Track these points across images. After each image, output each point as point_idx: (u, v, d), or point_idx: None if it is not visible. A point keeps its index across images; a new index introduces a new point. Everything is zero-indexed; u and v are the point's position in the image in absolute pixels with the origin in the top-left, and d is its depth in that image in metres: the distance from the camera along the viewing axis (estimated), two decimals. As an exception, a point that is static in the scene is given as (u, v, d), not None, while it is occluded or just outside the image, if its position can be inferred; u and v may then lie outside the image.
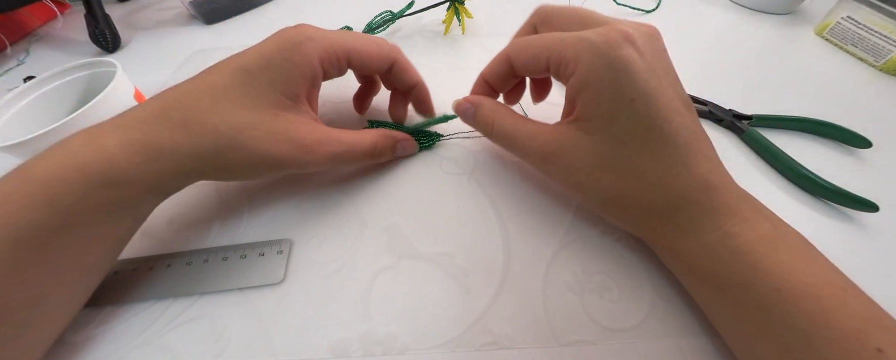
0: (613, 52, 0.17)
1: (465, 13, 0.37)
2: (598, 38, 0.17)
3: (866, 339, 0.13)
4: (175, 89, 0.19)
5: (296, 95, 0.20)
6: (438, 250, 0.21)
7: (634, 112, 0.17)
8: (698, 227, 0.17)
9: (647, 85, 0.17)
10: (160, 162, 0.17)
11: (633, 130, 0.17)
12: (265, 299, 0.20)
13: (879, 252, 0.22)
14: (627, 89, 0.17)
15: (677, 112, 0.17)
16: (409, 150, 0.26)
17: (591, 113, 0.18)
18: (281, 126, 0.19)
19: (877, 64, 0.36)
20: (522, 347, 0.18)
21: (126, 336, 0.18)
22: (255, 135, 0.19)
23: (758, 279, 0.15)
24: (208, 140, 0.18)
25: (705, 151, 0.18)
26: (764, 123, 0.29)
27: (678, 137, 0.17)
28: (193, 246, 0.22)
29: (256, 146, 0.19)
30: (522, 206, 0.24)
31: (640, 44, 0.17)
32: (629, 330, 0.19)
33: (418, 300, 0.20)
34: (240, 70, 0.19)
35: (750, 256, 0.16)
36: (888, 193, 0.24)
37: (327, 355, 0.18)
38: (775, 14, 0.44)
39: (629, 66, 0.17)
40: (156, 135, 0.17)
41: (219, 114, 0.18)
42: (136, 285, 0.20)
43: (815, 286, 0.15)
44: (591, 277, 0.20)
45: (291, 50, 0.19)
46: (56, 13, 0.42)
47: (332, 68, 0.21)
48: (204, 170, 0.19)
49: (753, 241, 0.16)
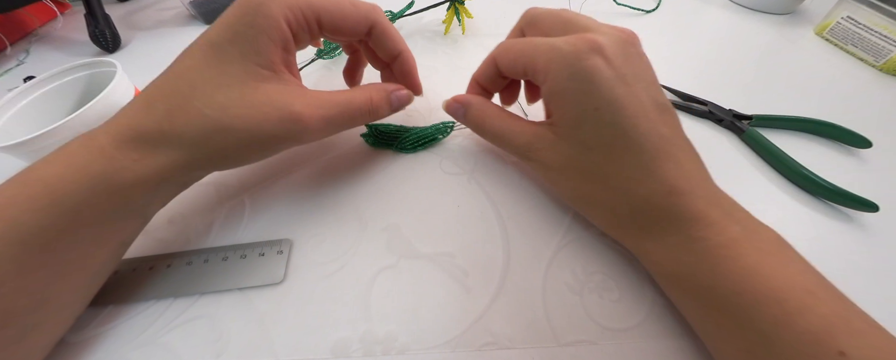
0: (579, 63, 0.18)
1: (465, 13, 0.37)
2: (566, 48, 0.18)
3: (829, 342, 0.14)
4: (156, 81, 0.19)
5: (272, 63, 0.19)
6: (438, 250, 0.21)
7: (599, 120, 0.18)
8: (662, 231, 0.18)
9: (612, 93, 0.17)
10: (157, 156, 0.17)
11: (599, 136, 0.18)
12: (265, 299, 0.20)
13: (879, 252, 0.22)
14: (592, 98, 0.18)
15: (646, 118, 0.17)
16: (405, 100, 0.24)
17: (560, 119, 0.19)
18: (264, 98, 0.18)
19: (877, 64, 0.36)
20: (522, 347, 0.18)
21: (126, 336, 0.18)
22: (241, 113, 0.18)
23: (719, 283, 0.16)
24: (196, 125, 0.17)
25: (675, 156, 0.18)
26: (764, 123, 0.29)
27: (645, 144, 0.17)
28: (194, 246, 0.22)
29: (244, 125, 0.18)
30: (522, 206, 0.24)
31: (608, 52, 0.18)
32: (629, 330, 0.19)
33: (418, 299, 0.20)
34: (208, 46, 0.18)
35: (712, 260, 0.16)
36: (888, 193, 0.24)
37: (327, 355, 0.18)
38: (775, 14, 0.44)
39: (594, 76, 0.17)
40: (145, 128, 0.17)
41: (200, 97, 0.17)
42: (136, 285, 0.20)
43: (778, 290, 0.15)
44: (591, 277, 0.20)
45: (253, 13, 0.18)
46: (56, 13, 0.42)
47: (301, 30, 0.20)
48: (201, 158, 0.18)
49: (717, 245, 0.16)
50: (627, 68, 0.18)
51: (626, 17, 0.42)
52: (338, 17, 0.21)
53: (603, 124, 0.18)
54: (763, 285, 0.15)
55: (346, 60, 0.27)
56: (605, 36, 0.18)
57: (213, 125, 0.17)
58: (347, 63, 0.27)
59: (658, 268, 0.19)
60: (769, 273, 0.15)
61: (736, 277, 0.15)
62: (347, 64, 0.27)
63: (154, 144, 0.17)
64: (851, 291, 0.15)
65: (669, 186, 0.17)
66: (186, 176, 0.19)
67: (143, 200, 0.18)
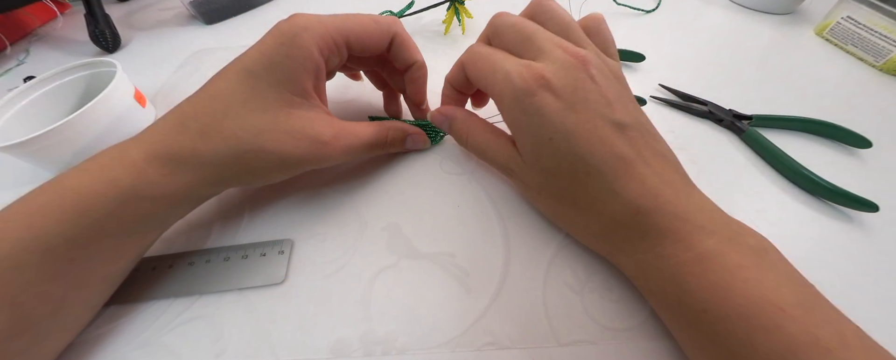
0: (527, 100, 0.18)
1: (465, 13, 0.37)
2: (517, 82, 0.18)
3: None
4: (189, 100, 0.19)
5: (304, 91, 0.20)
6: (438, 250, 0.21)
7: (555, 149, 0.18)
8: (632, 247, 0.18)
9: (563, 125, 0.18)
10: (186, 173, 0.18)
11: (558, 165, 0.18)
12: (265, 299, 0.20)
13: (879, 252, 0.22)
14: (544, 131, 0.18)
15: (600, 143, 0.17)
16: (420, 144, 0.26)
17: (522, 148, 0.20)
18: (297, 124, 0.19)
19: (877, 64, 0.36)
20: (522, 347, 0.18)
21: (126, 336, 0.18)
22: (274, 137, 0.19)
23: (686, 300, 0.16)
24: (229, 146, 0.18)
25: (638, 175, 0.17)
26: (764, 123, 0.29)
27: (603, 167, 0.17)
28: (195, 247, 0.22)
29: (276, 148, 0.19)
30: (522, 206, 0.24)
31: (556, 84, 0.18)
32: (629, 330, 0.19)
33: (418, 299, 0.20)
34: (244, 72, 0.19)
35: (679, 278, 0.16)
36: (888, 193, 0.24)
37: (327, 355, 0.18)
38: (775, 14, 0.44)
39: (541, 111, 0.18)
40: (178, 146, 0.18)
41: (234, 119, 0.18)
42: (140, 286, 0.20)
43: (745, 307, 0.15)
44: (591, 277, 0.20)
45: (289, 44, 0.19)
46: (56, 13, 0.42)
47: (332, 55, 0.21)
48: (228, 176, 0.19)
49: (684, 262, 0.16)
50: (577, 96, 0.18)
51: (627, 17, 0.42)
52: (364, 37, 0.21)
53: (560, 154, 0.18)
54: (730, 302, 0.15)
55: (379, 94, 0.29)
56: (555, 65, 0.18)
57: (246, 147, 0.18)
58: (384, 99, 0.29)
59: (636, 281, 0.19)
60: (738, 289, 0.15)
61: (703, 294, 0.15)
62: (384, 100, 0.29)
63: (184, 162, 0.18)
64: (852, 291, 0.15)
65: (633, 205, 0.17)
66: (210, 191, 0.20)
67: (166, 213, 0.18)
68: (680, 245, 0.16)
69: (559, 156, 0.18)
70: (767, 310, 0.14)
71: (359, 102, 0.30)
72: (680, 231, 0.17)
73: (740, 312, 0.15)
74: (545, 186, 0.20)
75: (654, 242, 0.17)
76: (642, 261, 0.18)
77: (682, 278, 0.16)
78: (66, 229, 0.15)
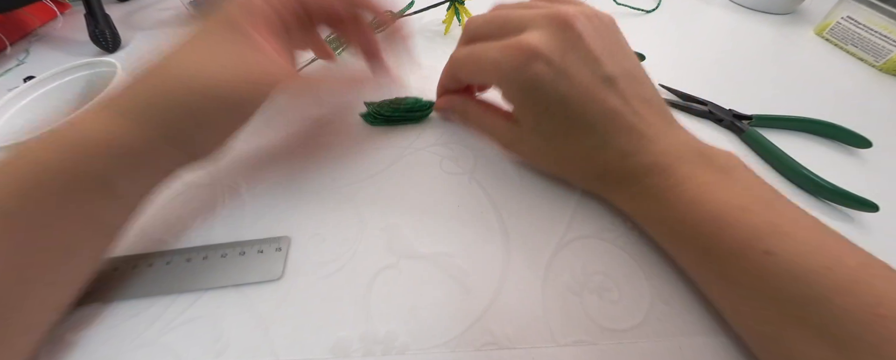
0: (521, 76, 0.20)
1: (465, 13, 0.37)
2: (507, 64, 0.20)
3: (756, 244, 0.16)
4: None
5: (248, 34, 0.19)
6: (438, 250, 0.21)
7: (552, 117, 0.20)
8: (623, 185, 0.21)
9: (557, 92, 0.19)
10: (118, 119, 0.17)
11: (555, 129, 0.21)
12: (265, 299, 0.20)
13: (879, 252, 0.22)
14: (541, 101, 0.20)
15: (592, 101, 0.19)
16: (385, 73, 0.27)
17: (522, 120, 0.22)
18: (237, 60, 0.19)
19: (877, 64, 0.36)
20: (522, 347, 0.18)
21: (126, 336, 0.18)
22: (210, 72, 0.18)
23: (668, 215, 0.19)
24: (165, 82, 0.18)
25: (627, 125, 0.20)
26: (764, 123, 0.29)
27: (596, 124, 0.20)
28: (192, 244, 0.22)
29: (208, 83, 0.18)
30: (522, 206, 0.24)
31: (545, 52, 0.19)
32: (629, 330, 0.19)
33: (418, 299, 0.20)
34: (195, 29, 0.19)
35: (662, 199, 0.19)
36: (888, 193, 0.24)
37: (327, 354, 0.18)
38: (775, 14, 0.44)
39: (537, 82, 0.19)
40: (115, 96, 0.18)
41: (173, 66, 0.18)
42: (135, 282, 0.20)
43: (714, 211, 0.17)
44: (590, 277, 0.20)
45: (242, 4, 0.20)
46: (56, 13, 0.42)
47: (291, 18, 0.22)
48: (165, 125, 0.17)
49: (666, 187, 0.19)
50: (567, 59, 0.19)
51: (627, 17, 0.42)
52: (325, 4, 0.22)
53: (556, 118, 0.20)
54: (702, 208, 0.18)
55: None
56: (540, 31, 0.19)
57: (175, 84, 0.18)
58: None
59: (628, 211, 0.22)
60: (708, 200, 0.18)
61: (681, 209, 0.18)
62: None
63: (120, 109, 0.17)
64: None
65: (621, 151, 0.20)
66: (161, 151, 0.18)
67: (112, 171, 0.17)
68: (661, 176, 0.19)
69: (556, 121, 0.20)
70: (732, 211, 0.17)
71: (360, 102, 0.30)
72: (661, 164, 0.19)
73: (710, 215, 0.18)
74: (543, 148, 0.22)
75: (642, 177, 0.20)
76: (634, 194, 0.20)
77: (665, 198, 0.19)
78: (20, 189, 0.15)
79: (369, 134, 0.28)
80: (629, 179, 0.20)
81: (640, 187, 0.20)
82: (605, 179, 0.21)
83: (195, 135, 0.19)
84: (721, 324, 0.19)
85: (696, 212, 0.18)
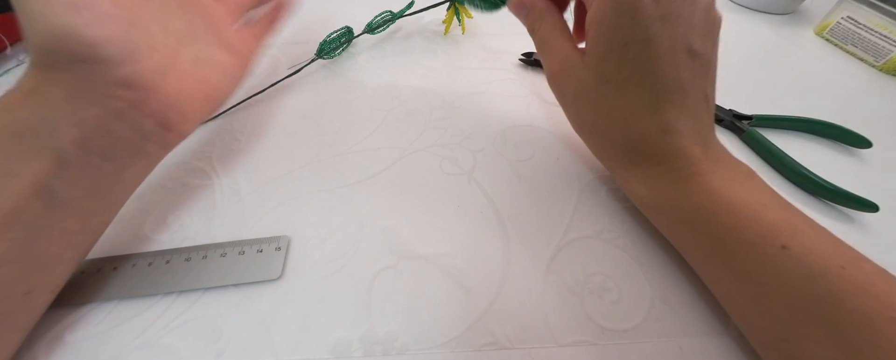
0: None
1: (465, 13, 0.37)
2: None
3: (773, 239, 0.16)
4: None
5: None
6: (438, 251, 0.21)
7: (623, 56, 0.18)
8: (646, 162, 0.20)
9: (646, 32, 0.17)
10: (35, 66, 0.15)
11: (618, 72, 0.19)
12: (266, 299, 0.20)
13: (879, 252, 0.22)
14: (625, 34, 0.18)
15: (669, 61, 0.18)
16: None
17: (592, 49, 0.20)
18: None
19: (877, 64, 0.36)
20: (522, 347, 0.18)
21: (126, 336, 0.18)
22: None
23: (684, 202, 0.19)
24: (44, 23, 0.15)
25: (680, 102, 0.19)
26: (764, 123, 0.29)
27: (657, 85, 0.18)
28: (192, 243, 0.22)
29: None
30: (522, 206, 0.24)
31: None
32: (629, 331, 0.19)
33: (418, 300, 0.20)
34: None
35: (680, 184, 0.19)
36: (888, 193, 0.24)
37: (328, 355, 0.18)
38: (775, 14, 0.44)
39: (635, 12, 0.17)
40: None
41: None
42: (134, 281, 0.20)
43: (733, 204, 0.17)
44: (590, 277, 0.20)
45: None
46: (56, 13, 0.42)
47: None
48: (52, 52, 0.15)
49: (688, 174, 0.19)
50: (673, 10, 0.18)
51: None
52: None
53: (625, 61, 0.18)
54: (721, 200, 0.18)
55: None
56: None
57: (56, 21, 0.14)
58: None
59: (638, 193, 0.21)
60: (728, 193, 0.18)
61: (699, 196, 0.18)
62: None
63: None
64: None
65: (664, 124, 0.19)
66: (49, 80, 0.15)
67: (28, 113, 0.15)
68: (688, 162, 0.19)
69: (623, 64, 0.18)
70: (752, 205, 0.17)
71: (361, 100, 0.30)
72: (693, 152, 0.19)
73: (729, 207, 0.17)
74: (591, 91, 0.20)
75: (670, 158, 0.19)
76: (654, 174, 0.20)
77: (686, 183, 0.19)
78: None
79: (370, 132, 0.28)
80: (656, 156, 0.19)
81: (662, 168, 0.19)
82: (632, 150, 0.20)
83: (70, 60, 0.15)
84: (722, 324, 0.19)
85: (715, 202, 0.18)
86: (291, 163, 0.26)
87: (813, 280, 0.15)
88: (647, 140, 0.19)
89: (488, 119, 0.29)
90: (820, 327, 0.15)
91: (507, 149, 0.27)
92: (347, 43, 0.34)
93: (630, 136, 0.20)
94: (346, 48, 0.34)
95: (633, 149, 0.20)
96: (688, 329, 0.19)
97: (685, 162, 0.19)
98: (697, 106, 0.19)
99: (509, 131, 0.28)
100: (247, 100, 0.29)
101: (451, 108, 0.30)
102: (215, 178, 0.25)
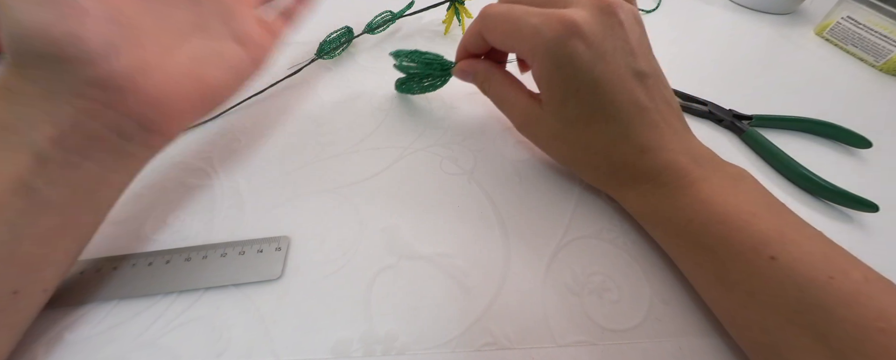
0: (560, 50, 0.19)
1: (465, 13, 0.37)
2: (548, 34, 0.19)
3: (762, 250, 0.16)
4: None
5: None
6: (438, 251, 0.21)
7: (580, 100, 0.20)
8: (636, 181, 0.21)
9: (591, 74, 0.19)
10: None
11: (579, 114, 0.20)
12: (265, 299, 0.20)
13: (879, 252, 0.22)
14: (573, 81, 0.19)
15: (622, 90, 0.19)
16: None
17: (547, 99, 0.21)
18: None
19: (877, 64, 0.36)
20: (522, 347, 0.18)
21: (126, 336, 0.18)
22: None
23: (677, 215, 0.19)
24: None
25: (651, 121, 0.20)
26: (764, 123, 0.29)
27: (621, 114, 0.19)
28: (192, 243, 0.22)
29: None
30: (522, 206, 0.24)
31: (587, 31, 0.19)
32: (629, 330, 0.19)
33: (418, 299, 0.20)
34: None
35: (672, 198, 0.19)
36: (888, 193, 0.24)
37: (328, 354, 0.18)
38: (775, 14, 0.44)
39: (574, 60, 0.19)
40: None
41: None
42: (134, 281, 0.20)
43: (723, 214, 0.18)
44: (590, 277, 0.20)
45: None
46: (56, 13, 0.42)
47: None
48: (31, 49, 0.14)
49: (678, 187, 0.19)
50: (606, 44, 0.19)
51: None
52: None
53: (584, 103, 0.20)
54: (711, 211, 0.18)
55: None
56: (584, 10, 0.19)
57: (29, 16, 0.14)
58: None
59: (634, 210, 0.22)
60: (719, 202, 0.18)
61: (690, 209, 0.19)
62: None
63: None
64: (851, 291, 0.15)
65: (641, 145, 0.20)
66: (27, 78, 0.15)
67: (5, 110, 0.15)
68: (676, 175, 0.19)
69: (582, 105, 0.20)
70: (742, 215, 0.17)
71: (361, 100, 0.30)
72: (678, 163, 0.19)
73: (720, 218, 0.18)
74: (561, 133, 0.21)
75: (655, 175, 0.20)
76: (645, 191, 0.20)
77: (676, 197, 0.19)
78: None
79: (370, 132, 0.28)
80: (642, 176, 0.20)
81: (651, 185, 0.20)
82: (617, 174, 0.21)
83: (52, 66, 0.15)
84: (721, 325, 0.19)
85: (706, 213, 0.18)
86: (291, 163, 0.26)
87: (801, 291, 0.15)
88: (631, 163, 0.20)
89: (488, 119, 0.29)
90: (808, 337, 0.15)
91: (507, 149, 0.27)
92: (347, 43, 0.34)
93: (613, 163, 0.21)
94: (346, 48, 0.34)
95: (619, 173, 0.21)
96: (688, 329, 0.19)
97: (674, 174, 0.19)
98: (664, 115, 0.20)
99: (509, 131, 0.28)
100: (247, 100, 0.29)
101: (451, 108, 0.30)
102: (215, 178, 0.25)
